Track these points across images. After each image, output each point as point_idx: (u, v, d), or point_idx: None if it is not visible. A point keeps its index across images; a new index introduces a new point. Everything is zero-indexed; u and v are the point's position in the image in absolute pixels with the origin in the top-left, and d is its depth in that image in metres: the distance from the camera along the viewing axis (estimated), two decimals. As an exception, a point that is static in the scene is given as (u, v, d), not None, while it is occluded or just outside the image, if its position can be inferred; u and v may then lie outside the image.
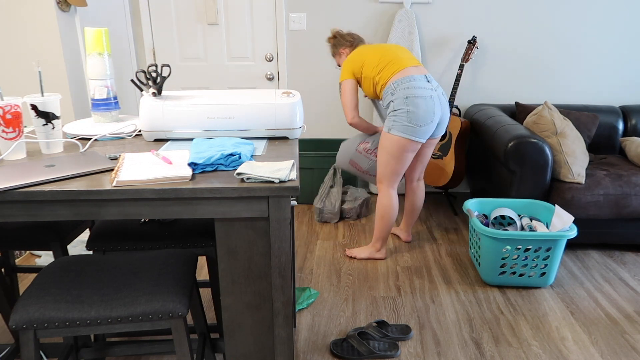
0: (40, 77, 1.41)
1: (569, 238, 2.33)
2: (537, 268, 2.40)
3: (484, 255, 2.43)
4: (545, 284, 2.44)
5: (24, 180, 1.16)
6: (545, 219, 2.54)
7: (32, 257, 2.71)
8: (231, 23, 3.52)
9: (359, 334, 2.03)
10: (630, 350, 2.01)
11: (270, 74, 3.61)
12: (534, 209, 2.61)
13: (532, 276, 2.42)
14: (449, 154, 3.27)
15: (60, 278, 1.29)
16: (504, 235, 2.31)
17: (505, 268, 2.41)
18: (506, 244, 2.35)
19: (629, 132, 3.28)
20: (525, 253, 2.36)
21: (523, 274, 2.42)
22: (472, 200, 2.65)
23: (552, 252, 2.35)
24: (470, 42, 3.30)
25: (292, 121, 1.53)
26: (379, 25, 3.47)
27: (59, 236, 1.67)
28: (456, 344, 2.04)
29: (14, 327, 1.15)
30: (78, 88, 2.78)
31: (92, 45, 1.58)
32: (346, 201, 3.29)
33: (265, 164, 1.26)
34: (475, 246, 2.59)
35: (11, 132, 1.35)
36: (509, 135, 2.68)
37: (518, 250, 2.35)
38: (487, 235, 2.36)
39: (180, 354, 1.29)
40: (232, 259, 1.27)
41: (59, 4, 2.58)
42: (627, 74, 3.51)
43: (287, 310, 1.31)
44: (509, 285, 2.47)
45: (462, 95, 3.62)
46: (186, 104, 1.49)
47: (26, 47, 2.61)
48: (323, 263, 2.70)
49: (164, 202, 1.19)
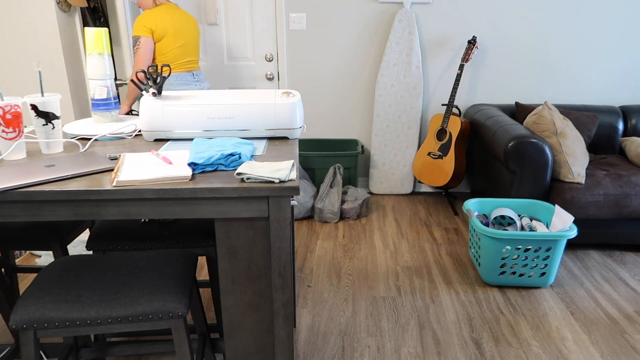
0: (40, 77, 1.41)
1: (569, 238, 2.33)
2: (537, 268, 2.40)
3: (484, 255, 2.44)
4: (545, 284, 2.44)
5: (24, 180, 1.16)
6: (545, 219, 2.54)
7: (32, 257, 2.71)
8: (231, 23, 3.52)
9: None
10: (630, 350, 2.01)
11: (270, 74, 3.61)
12: (534, 209, 2.61)
13: (532, 276, 2.42)
14: (449, 154, 3.27)
15: (60, 278, 1.29)
16: (504, 235, 2.31)
17: (505, 268, 2.41)
18: (506, 244, 2.35)
19: (629, 132, 3.28)
20: (525, 253, 2.36)
21: (523, 274, 2.42)
22: (472, 200, 2.65)
23: (552, 252, 2.35)
24: (470, 42, 3.30)
25: (292, 121, 1.53)
26: (379, 25, 3.47)
27: (59, 236, 1.67)
28: (456, 344, 2.04)
29: (14, 327, 1.15)
30: (78, 88, 2.78)
31: (92, 45, 1.58)
32: (346, 201, 3.29)
33: (265, 164, 1.26)
34: (475, 246, 2.59)
35: (11, 132, 1.35)
36: (509, 135, 2.68)
37: (518, 250, 2.36)
38: (487, 235, 2.36)
39: (180, 354, 1.29)
40: (232, 259, 1.27)
41: (59, 4, 2.58)
42: (627, 74, 3.51)
43: (287, 310, 1.31)
44: (509, 285, 2.47)
45: (462, 95, 3.62)
46: (186, 104, 1.49)
47: (26, 47, 2.60)
48: (323, 263, 2.70)
49: (164, 202, 1.19)
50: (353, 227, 3.18)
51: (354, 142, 3.69)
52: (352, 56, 3.56)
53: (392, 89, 3.50)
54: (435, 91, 3.61)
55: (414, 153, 3.63)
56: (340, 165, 3.36)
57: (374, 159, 3.66)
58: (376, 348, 2.02)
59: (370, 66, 3.58)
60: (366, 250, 2.85)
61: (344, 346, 2.03)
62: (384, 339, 2.07)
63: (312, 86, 3.65)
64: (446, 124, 3.31)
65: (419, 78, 3.48)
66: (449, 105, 3.30)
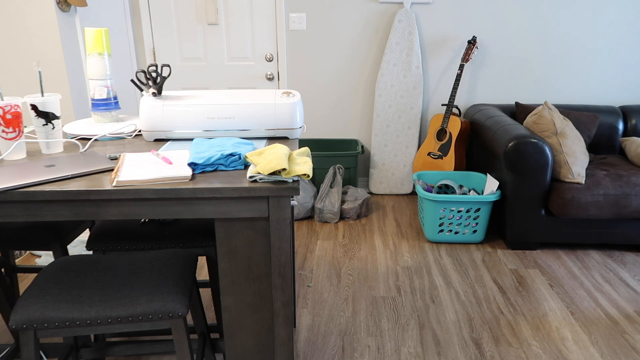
0: (40, 77, 1.41)
1: (493, 200, 2.79)
2: (469, 227, 2.87)
3: (426, 216, 2.90)
4: (476, 240, 2.91)
5: (24, 180, 1.16)
6: (481, 189, 3.08)
7: (32, 257, 2.71)
8: (231, 23, 3.52)
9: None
10: (630, 350, 2.01)
11: (270, 74, 3.61)
12: (473, 180, 3.11)
13: (465, 233, 2.89)
14: (449, 154, 3.27)
15: (60, 278, 1.29)
16: (439, 198, 2.78)
17: (443, 227, 2.88)
18: (442, 206, 2.83)
19: (629, 132, 3.28)
20: (459, 213, 2.83)
21: (458, 232, 2.89)
22: (420, 172, 3.13)
23: (480, 212, 2.82)
24: (470, 42, 3.30)
25: (292, 121, 1.53)
26: (379, 25, 3.47)
27: (59, 236, 1.67)
28: (456, 344, 2.04)
29: (14, 327, 1.15)
30: (78, 88, 2.78)
31: (92, 45, 1.58)
32: (346, 201, 3.29)
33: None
34: (421, 210, 3.05)
35: (11, 132, 1.35)
36: (509, 136, 2.68)
37: (452, 212, 2.83)
38: (427, 199, 2.83)
39: (180, 354, 1.29)
40: (232, 259, 1.27)
41: (59, 4, 2.58)
42: (627, 74, 3.51)
43: (287, 310, 1.31)
44: (447, 242, 2.93)
45: (462, 95, 3.62)
46: (186, 104, 1.49)
47: (26, 47, 2.61)
48: (323, 263, 2.70)
49: (164, 202, 1.19)
50: (353, 227, 3.18)
51: (354, 142, 3.69)
52: (352, 56, 3.56)
53: (392, 89, 3.51)
54: (435, 91, 3.61)
55: (414, 153, 3.63)
56: (341, 166, 3.36)
57: (374, 159, 3.66)
58: (376, 348, 2.02)
59: (370, 66, 3.58)
60: (366, 250, 2.85)
61: (344, 346, 2.03)
62: (384, 339, 2.07)
63: (312, 86, 3.65)
64: (446, 124, 3.31)
65: (419, 78, 3.48)
66: (449, 105, 3.30)
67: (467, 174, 3.11)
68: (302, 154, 1.34)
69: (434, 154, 3.37)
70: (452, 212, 2.82)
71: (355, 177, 3.49)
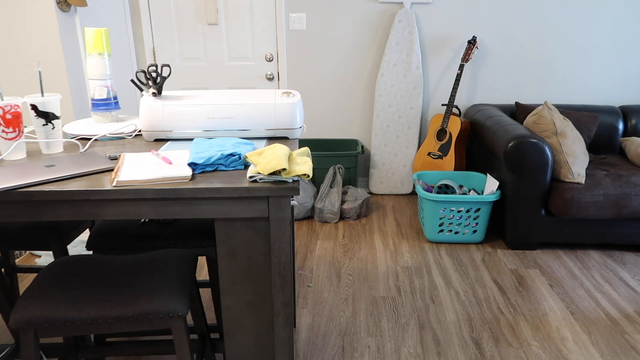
0: (40, 77, 1.41)
1: (493, 200, 2.78)
2: (469, 227, 2.85)
3: (426, 216, 2.88)
4: (476, 240, 2.89)
5: (24, 180, 1.16)
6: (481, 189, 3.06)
7: (32, 257, 2.71)
8: (231, 23, 3.52)
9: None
10: (630, 350, 2.01)
11: (270, 74, 3.61)
12: (473, 180, 3.09)
13: (465, 233, 2.87)
14: (449, 154, 3.27)
15: (60, 278, 1.29)
16: (440, 198, 2.77)
17: (443, 227, 2.86)
18: (442, 206, 2.81)
19: (629, 132, 3.28)
20: (459, 213, 2.81)
21: (458, 232, 2.87)
22: (421, 172, 3.11)
23: (480, 212, 2.80)
24: (470, 42, 3.30)
25: (292, 121, 1.53)
26: (379, 25, 3.47)
27: (59, 236, 1.67)
28: (456, 344, 2.04)
29: (14, 327, 1.15)
30: (78, 88, 2.78)
31: (92, 45, 1.58)
32: (346, 201, 3.29)
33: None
34: (421, 210, 3.02)
35: (11, 132, 1.35)
36: (509, 136, 2.68)
37: (452, 212, 2.81)
38: (427, 199, 2.81)
39: (180, 354, 1.29)
40: (232, 259, 1.27)
41: (59, 4, 2.58)
42: (627, 74, 3.51)
43: (287, 310, 1.31)
44: (447, 242, 2.91)
45: (462, 95, 3.62)
46: (186, 104, 1.49)
47: (26, 47, 2.61)
48: (323, 263, 2.70)
49: (164, 202, 1.19)
50: (353, 227, 3.18)
51: (354, 142, 3.69)
52: (352, 56, 3.56)
53: (392, 89, 3.50)
54: (435, 91, 3.61)
55: (414, 153, 3.63)
56: (341, 166, 3.36)
57: (374, 159, 3.66)
58: (376, 348, 2.02)
59: (370, 66, 3.58)
60: (366, 250, 2.85)
61: (344, 346, 2.03)
62: (384, 339, 2.07)
63: (312, 86, 3.65)
64: (446, 124, 3.31)
65: (419, 78, 3.48)
66: (449, 105, 3.30)
67: (467, 174, 3.09)
68: (302, 154, 1.34)
69: (434, 154, 3.37)
70: (452, 212, 2.81)
71: (355, 177, 3.49)
